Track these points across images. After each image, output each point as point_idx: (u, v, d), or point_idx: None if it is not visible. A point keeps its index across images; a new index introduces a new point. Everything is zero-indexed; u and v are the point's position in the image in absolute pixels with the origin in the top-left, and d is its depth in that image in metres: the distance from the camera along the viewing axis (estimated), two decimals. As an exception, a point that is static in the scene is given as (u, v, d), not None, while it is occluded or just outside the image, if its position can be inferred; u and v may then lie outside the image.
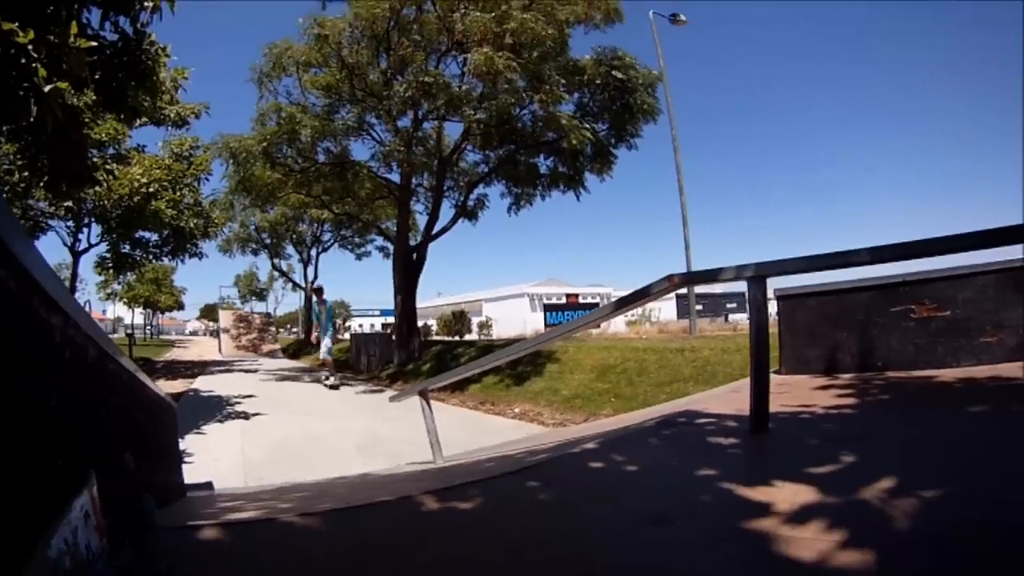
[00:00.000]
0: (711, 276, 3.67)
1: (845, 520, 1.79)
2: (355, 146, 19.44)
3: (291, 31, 17.48)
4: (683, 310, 17.93)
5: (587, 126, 15.38)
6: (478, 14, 14.45)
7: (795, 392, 4.40)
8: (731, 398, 4.78)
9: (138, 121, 12.55)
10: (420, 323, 23.45)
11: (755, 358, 3.16)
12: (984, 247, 2.80)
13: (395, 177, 19.57)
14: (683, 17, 18.12)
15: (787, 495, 2.06)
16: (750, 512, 1.96)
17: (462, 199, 20.32)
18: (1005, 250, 3.10)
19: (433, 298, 53.35)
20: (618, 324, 25.03)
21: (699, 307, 21.03)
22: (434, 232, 19.99)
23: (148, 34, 5.80)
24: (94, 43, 4.82)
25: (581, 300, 38.04)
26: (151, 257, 19.04)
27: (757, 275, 3.09)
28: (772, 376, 5.19)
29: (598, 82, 15.46)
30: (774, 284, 5.58)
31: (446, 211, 20.45)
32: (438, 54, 16.96)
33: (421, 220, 22.67)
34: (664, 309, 30.87)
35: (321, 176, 19.09)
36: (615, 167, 16.99)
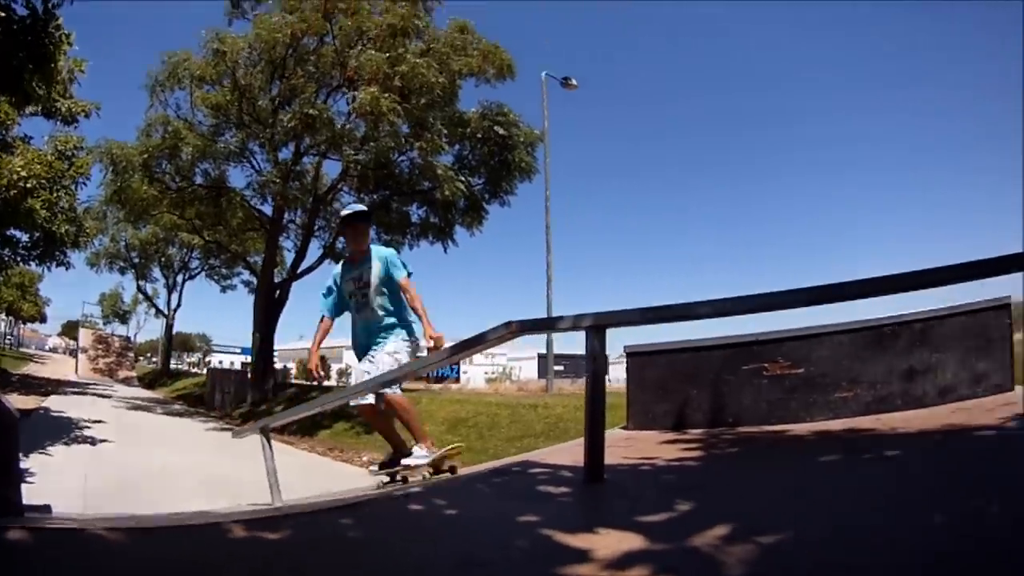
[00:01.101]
0: (550, 324, 3.56)
1: (671, 566, 1.62)
2: (233, 172, 19.08)
3: (193, 44, 16.99)
4: (544, 369, 18.29)
5: (463, 179, 15.66)
6: (373, 52, 14.54)
7: (640, 446, 4.28)
8: (574, 451, 4.57)
9: (29, 108, 11.51)
10: (280, 365, 23.48)
11: (590, 407, 3.02)
12: (823, 302, 2.78)
13: (268, 210, 19.26)
14: (574, 81, 18.68)
15: (611, 542, 1.87)
16: (569, 558, 1.77)
17: (331, 240, 20.08)
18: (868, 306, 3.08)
19: (295, 341, 50.86)
20: (477, 379, 25.05)
21: (560, 367, 21.45)
22: (300, 270, 19.78)
23: (56, 16, 5.49)
24: (2, 14, 4.37)
25: (445, 355, 37.62)
26: (19, 259, 17.37)
27: (595, 325, 2.95)
28: (619, 431, 5.17)
29: (480, 136, 15.80)
30: (625, 341, 5.58)
31: (314, 250, 20.30)
32: (329, 88, 16.90)
33: (290, 258, 22.37)
34: (525, 368, 31.27)
35: (196, 199, 18.60)
36: (486, 222, 17.37)
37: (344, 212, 4.56)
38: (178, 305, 41.46)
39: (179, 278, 40.25)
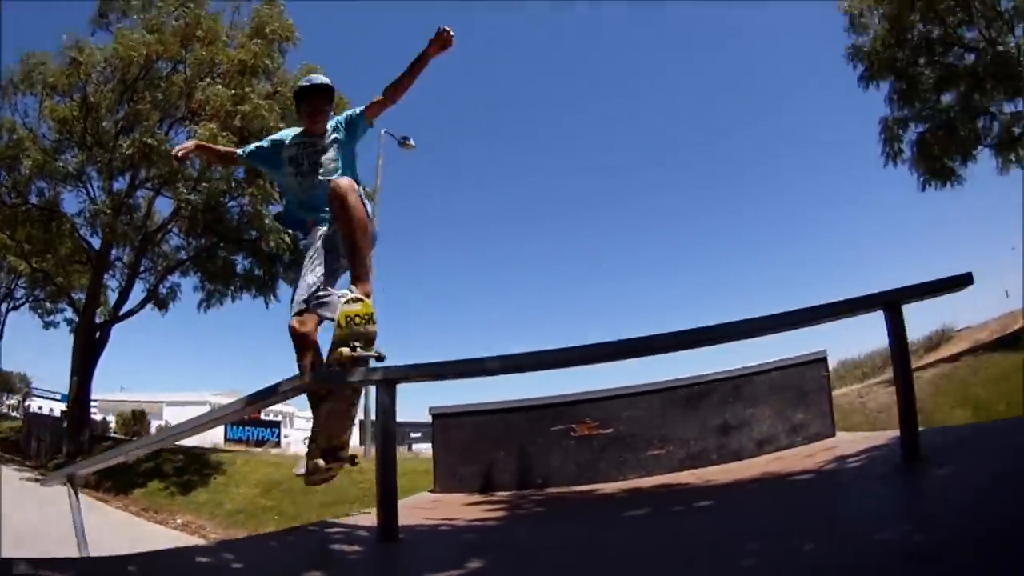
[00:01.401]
0: (341, 377, 3.51)
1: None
2: (68, 197, 17.57)
3: (53, 47, 15.93)
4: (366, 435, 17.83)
5: (289, 232, 15.35)
6: (220, 88, 14.38)
7: (444, 508, 4.25)
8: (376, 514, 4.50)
9: None
10: (99, 417, 22.34)
11: (381, 464, 2.94)
12: (625, 357, 2.98)
13: (97, 243, 17.89)
14: (412, 142, 18.46)
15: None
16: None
17: (155, 283, 19.31)
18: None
19: (115, 391, 45.54)
20: (298, 444, 24.13)
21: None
22: (122, 312, 18.77)
23: None
24: None
25: (263, 416, 35.49)
26: None
27: (385, 379, 2.95)
28: (426, 494, 5.12)
29: (313, 188, 15.65)
30: (429, 403, 5.70)
31: (138, 293, 19.24)
32: (172, 119, 16.33)
33: (113, 298, 20.54)
34: (349, 435, 30.22)
35: (28, 219, 17.11)
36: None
37: (301, 83, 3.53)
38: (-1, 337, 36.23)
39: (3, 307, 35.12)
